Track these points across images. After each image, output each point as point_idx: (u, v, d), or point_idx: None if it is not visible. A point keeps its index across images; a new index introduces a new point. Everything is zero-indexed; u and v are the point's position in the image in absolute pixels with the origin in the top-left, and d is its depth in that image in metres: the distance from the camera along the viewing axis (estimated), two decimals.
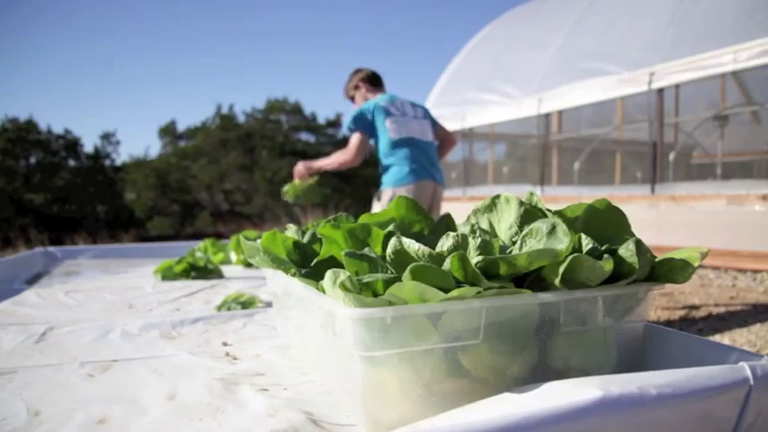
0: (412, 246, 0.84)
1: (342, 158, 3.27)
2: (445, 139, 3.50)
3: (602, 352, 0.89)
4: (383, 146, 3.22)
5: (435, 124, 3.46)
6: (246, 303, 1.74)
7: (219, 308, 1.73)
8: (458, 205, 8.48)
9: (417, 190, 3.15)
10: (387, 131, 3.18)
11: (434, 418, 0.73)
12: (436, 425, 0.65)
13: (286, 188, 3.38)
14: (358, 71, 3.53)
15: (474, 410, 0.71)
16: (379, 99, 3.28)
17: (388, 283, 0.78)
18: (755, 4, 5.90)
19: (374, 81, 3.49)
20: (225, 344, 1.36)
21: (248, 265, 2.87)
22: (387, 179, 3.24)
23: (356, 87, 3.50)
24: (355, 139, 3.23)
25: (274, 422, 0.84)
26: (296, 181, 3.39)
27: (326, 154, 3.70)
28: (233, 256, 3.10)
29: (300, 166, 3.40)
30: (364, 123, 3.22)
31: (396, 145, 3.18)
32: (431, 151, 3.28)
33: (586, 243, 0.86)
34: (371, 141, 3.31)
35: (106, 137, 18.22)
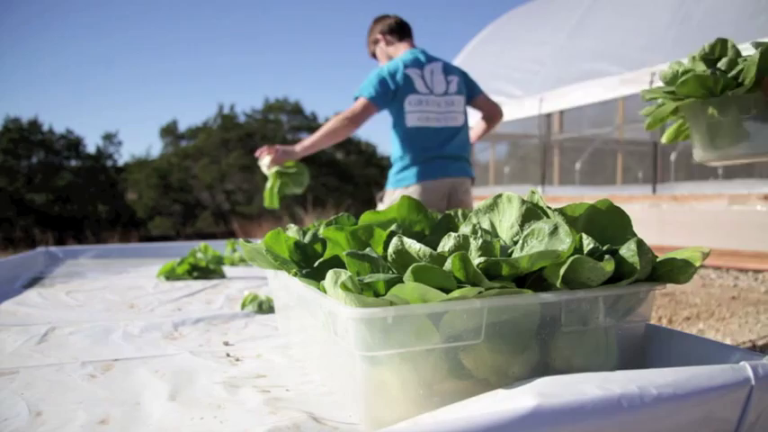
0: (413, 246, 0.84)
1: (336, 126, 2.54)
2: (489, 113, 2.93)
3: (604, 352, 0.89)
4: (396, 129, 2.67)
5: (474, 94, 2.84)
6: (264, 305, 1.72)
7: (243, 308, 1.73)
8: None
9: (423, 192, 2.63)
10: (404, 114, 2.61)
11: (436, 411, 0.74)
12: (438, 418, 0.65)
13: (266, 191, 2.64)
14: (377, 20, 2.83)
15: (476, 403, 0.71)
16: (405, 59, 2.65)
17: (390, 284, 0.78)
18: (756, 5, 5.89)
19: (398, 31, 2.77)
20: (226, 343, 1.36)
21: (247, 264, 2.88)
22: (391, 177, 2.75)
23: (375, 42, 2.82)
24: (360, 106, 2.56)
25: (276, 420, 0.85)
26: (271, 170, 2.61)
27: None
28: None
29: (277, 153, 2.59)
30: (382, 93, 2.57)
31: (409, 134, 2.63)
32: (454, 140, 2.73)
33: (587, 243, 0.86)
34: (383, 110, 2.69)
35: (108, 137, 18.24)
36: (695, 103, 1.33)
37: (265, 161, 2.61)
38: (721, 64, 1.32)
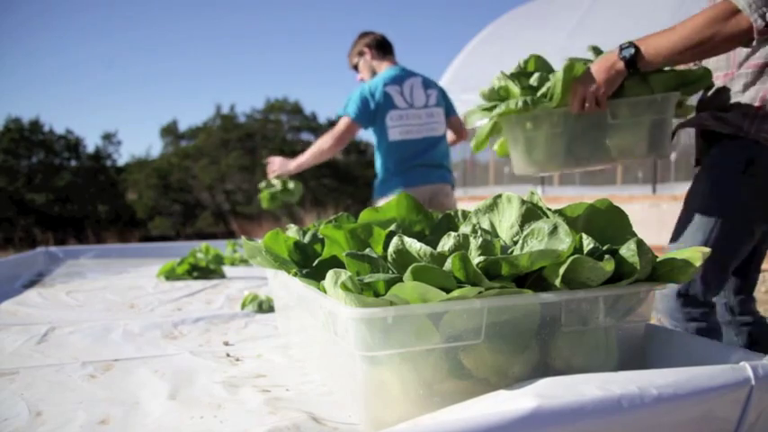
0: (414, 245, 0.84)
1: (323, 146, 2.84)
2: (456, 132, 3.11)
3: (604, 352, 0.89)
4: (380, 143, 2.87)
5: (449, 113, 3.04)
6: (264, 305, 1.73)
7: (243, 308, 1.74)
8: (459, 205, 8.47)
9: None
10: (387, 129, 2.81)
11: (436, 412, 0.74)
12: (438, 419, 0.65)
13: (262, 193, 3.02)
14: (364, 35, 3.05)
15: (476, 404, 0.71)
16: (386, 76, 2.86)
17: (390, 284, 0.78)
18: None
19: (382, 47, 2.99)
20: (226, 343, 1.36)
21: (249, 264, 2.88)
22: (376, 188, 2.94)
23: (360, 54, 3.02)
24: (344, 125, 2.81)
25: (276, 420, 0.85)
26: (272, 180, 3.03)
27: None
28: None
29: (281, 165, 3.02)
30: (364, 112, 2.79)
31: (392, 147, 2.83)
32: (436, 148, 2.90)
33: (587, 243, 0.86)
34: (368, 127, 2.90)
35: (107, 137, 18.25)
36: (510, 118, 1.37)
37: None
38: (533, 80, 1.36)
